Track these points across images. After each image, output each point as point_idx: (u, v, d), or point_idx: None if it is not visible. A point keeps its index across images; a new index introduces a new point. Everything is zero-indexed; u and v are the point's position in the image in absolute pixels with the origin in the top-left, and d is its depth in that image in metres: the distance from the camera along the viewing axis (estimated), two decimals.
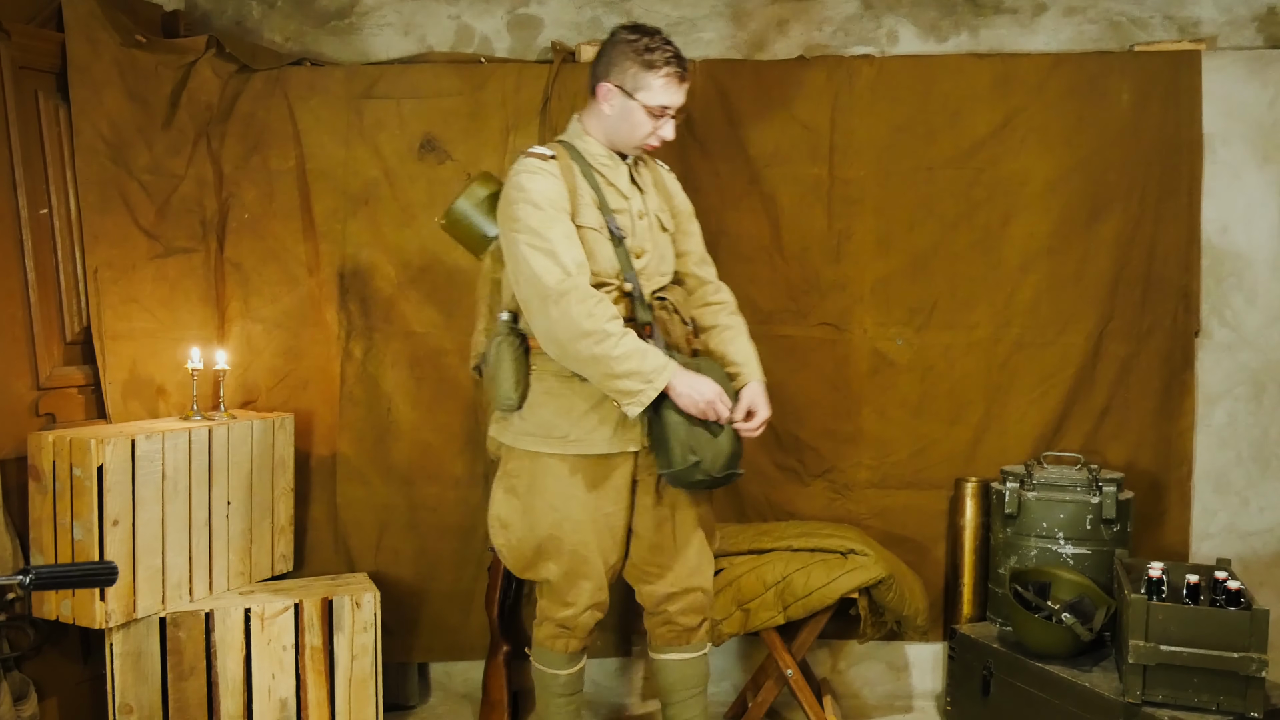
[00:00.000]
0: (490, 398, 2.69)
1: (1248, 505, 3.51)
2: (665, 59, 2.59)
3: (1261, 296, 3.47)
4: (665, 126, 2.64)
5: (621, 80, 2.59)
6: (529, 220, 2.49)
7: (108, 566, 1.78)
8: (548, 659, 2.83)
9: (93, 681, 3.04)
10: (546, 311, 2.46)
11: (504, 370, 2.62)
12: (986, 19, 3.56)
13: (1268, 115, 3.44)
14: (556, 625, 2.77)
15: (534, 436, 2.65)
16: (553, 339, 2.49)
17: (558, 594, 2.74)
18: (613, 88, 2.60)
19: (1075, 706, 2.83)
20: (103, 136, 3.14)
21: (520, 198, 2.51)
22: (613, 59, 2.60)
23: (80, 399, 3.10)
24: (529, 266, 2.46)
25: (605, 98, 2.61)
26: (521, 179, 2.54)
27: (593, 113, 2.67)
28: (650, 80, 2.58)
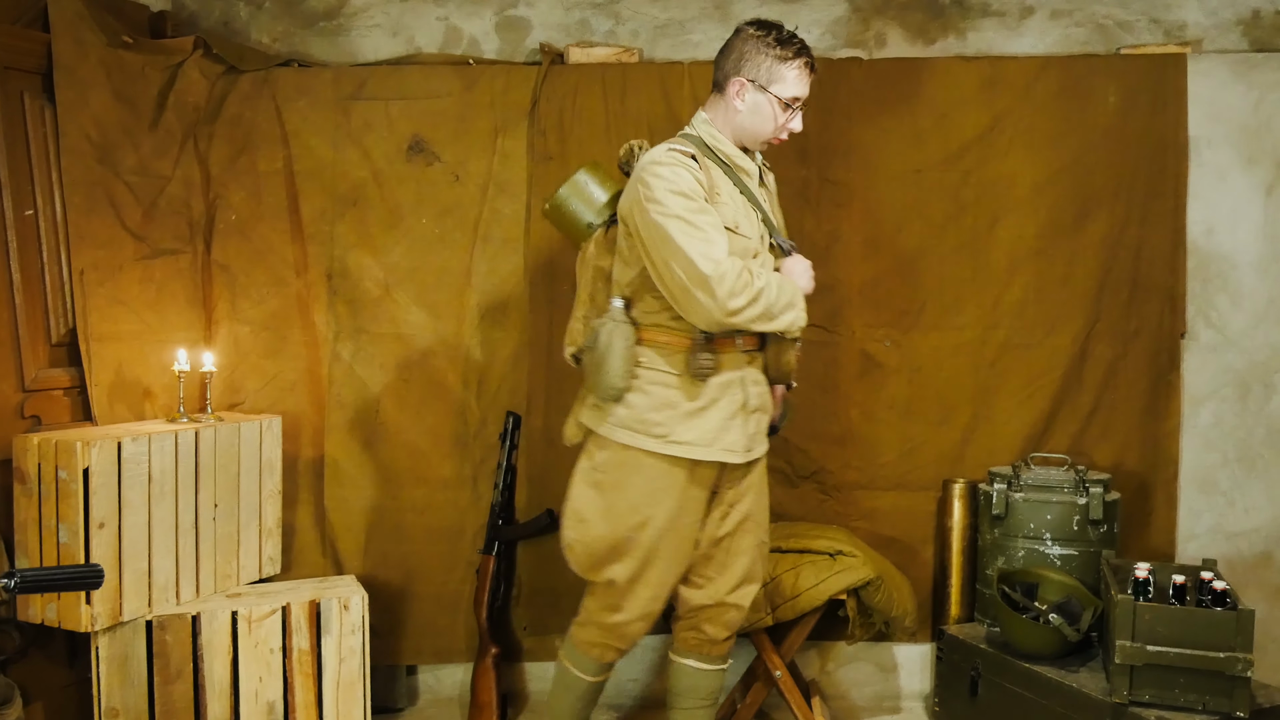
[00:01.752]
0: (592, 384, 2.63)
1: (1233, 506, 3.53)
2: (797, 51, 2.60)
3: (1246, 298, 3.50)
4: (795, 119, 2.65)
5: (755, 74, 2.58)
6: (677, 208, 2.46)
7: (93, 569, 1.77)
8: (579, 661, 2.79)
9: (79, 685, 3.03)
10: (700, 297, 2.43)
11: (614, 357, 2.56)
12: (974, 22, 3.58)
13: (1252, 118, 3.46)
14: (601, 630, 2.73)
15: (631, 430, 2.59)
16: (710, 321, 2.47)
17: (614, 598, 2.68)
18: (745, 82, 2.59)
19: (1063, 707, 2.84)
20: (89, 137, 3.12)
21: (665, 186, 2.48)
22: (744, 53, 2.60)
23: (66, 401, 3.09)
24: (684, 254, 2.43)
25: (738, 93, 2.60)
26: (663, 170, 2.50)
27: (720, 109, 2.65)
28: (784, 72, 2.59)
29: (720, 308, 2.43)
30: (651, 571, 2.65)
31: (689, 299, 2.45)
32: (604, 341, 2.57)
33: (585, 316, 2.73)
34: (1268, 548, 3.54)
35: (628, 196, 2.58)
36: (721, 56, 2.65)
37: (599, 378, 2.58)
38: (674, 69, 3.52)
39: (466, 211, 3.49)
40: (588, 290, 2.75)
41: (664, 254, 2.46)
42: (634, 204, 2.53)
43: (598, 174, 2.80)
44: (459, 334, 3.50)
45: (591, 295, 2.74)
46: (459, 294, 3.49)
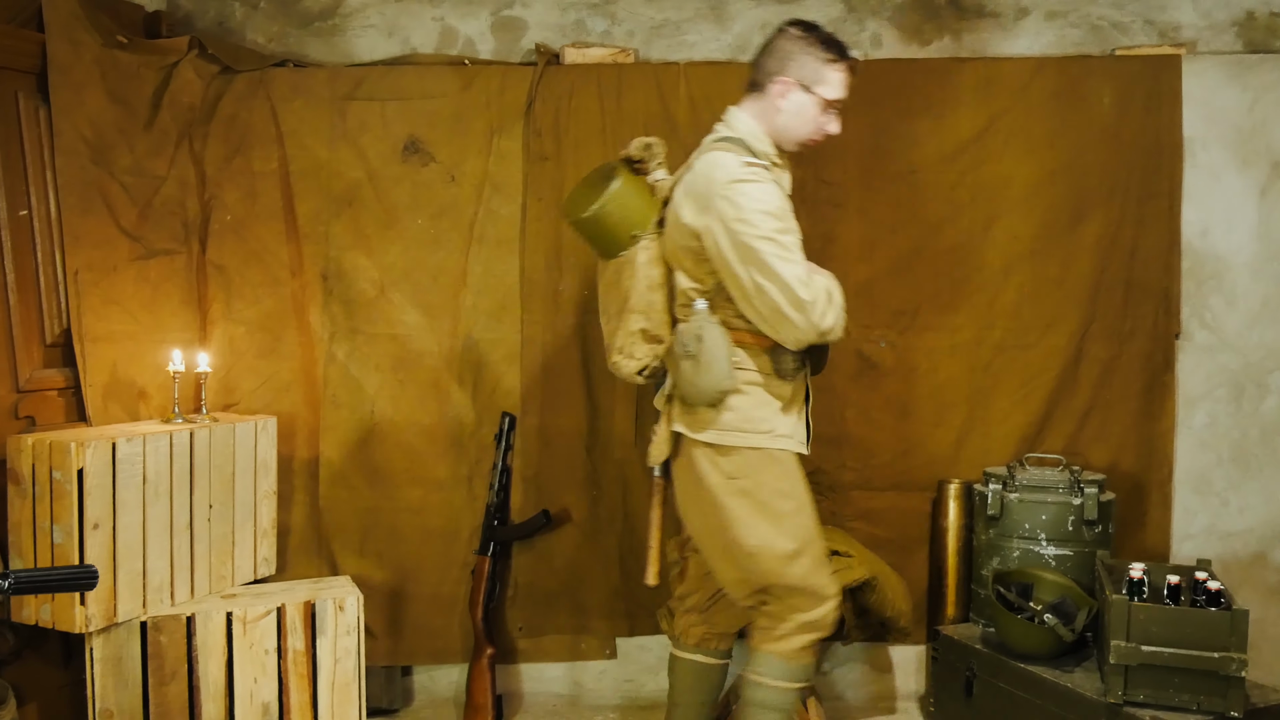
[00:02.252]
0: (691, 390, 2.57)
1: (1228, 506, 3.54)
2: (842, 53, 2.63)
3: (1241, 299, 3.50)
4: (833, 121, 2.68)
5: (801, 74, 2.59)
6: (768, 229, 2.46)
7: (88, 570, 1.77)
8: (798, 672, 2.70)
9: (73, 686, 3.02)
10: (796, 319, 2.46)
11: (720, 357, 2.53)
12: (969, 23, 3.58)
13: (1247, 119, 3.47)
14: (809, 629, 2.67)
15: (743, 431, 2.59)
16: (800, 341, 2.52)
17: (815, 592, 2.66)
18: (791, 82, 2.59)
19: (1058, 707, 2.84)
20: (84, 138, 3.11)
21: (755, 206, 2.47)
22: (790, 53, 2.60)
23: (60, 402, 3.08)
24: (780, 278, 2.44)
25: (782, 93, 2.60)
26: (750, 189, 2.48)
27: (760, 109, 2.64)
28: (830, 74, 2.61)
29: (814, 329, 2.48)
30: (821, 548, 2.68)
31: (781, 320, 2.48)
32: (707, 343, 2.54)
33: (644, 330, 2.65)
34: (1262, 548, 3.54)
35: (705, 212, 2.51)
36: (764, 57, 2.64)
37: (703, 380, 2.55)
38: (669, 69, 3.52)
39: (462, 212, 3.48)
40: (642, 300, 2.64)
41: (756, 276, 2.46)
42: (717, 222, 2.48)
43: (633, 182, 2.69)
44: (454, 334, 3.49)
45: (649, 307, 2.65)
46: (454, 294, 3.49)
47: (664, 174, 2.75)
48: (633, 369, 2.70)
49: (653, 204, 2.68)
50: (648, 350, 2.66)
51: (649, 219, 2.65)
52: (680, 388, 2.61)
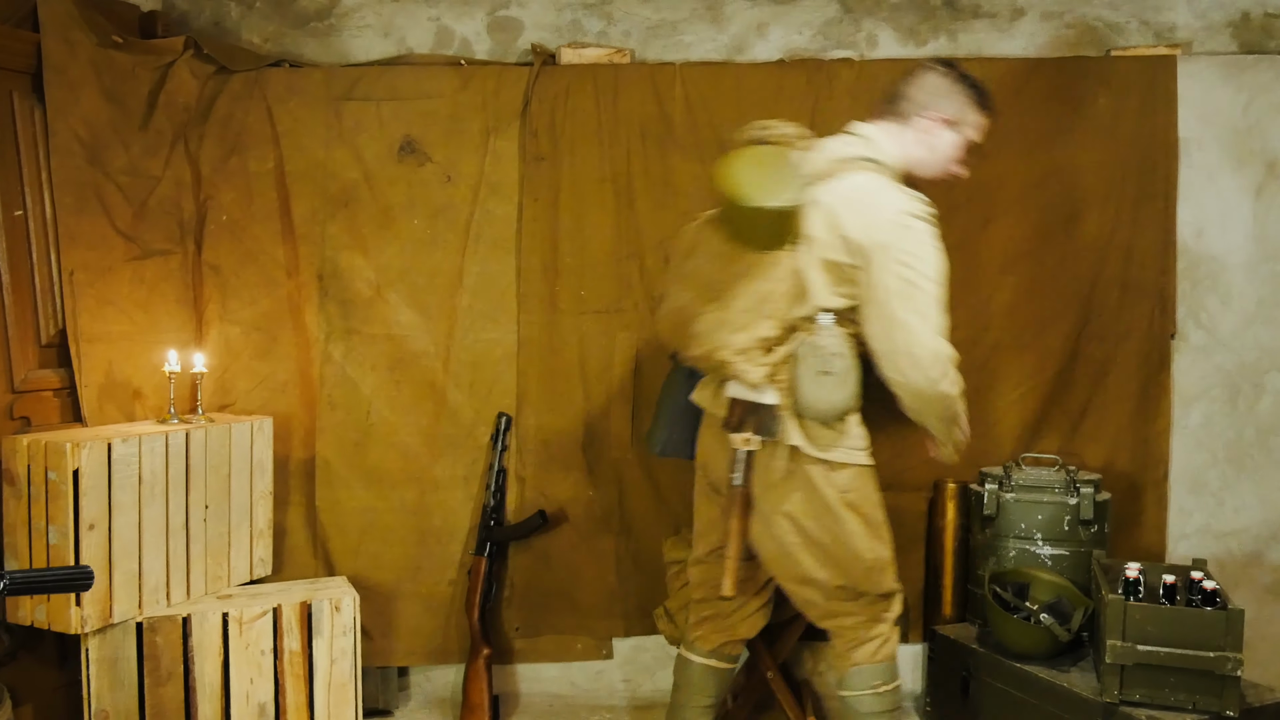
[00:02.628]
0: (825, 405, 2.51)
1: (1223, 506, 3.54)
2: (989, 100, 2.70)
3: (1236, 299, 3.51)
4: (959, 164, 2.73)
5: (952, 111, 2.64)
6: (935, 275, 2.48)
7: (83, 571, 1.76)
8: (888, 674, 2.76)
9: (68, 687, 3.01)
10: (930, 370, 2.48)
11: (854, 375, 2.52)
12: (965, 23, 3.59)
13: (1242, 120, 3.48)
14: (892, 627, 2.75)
15: (859, 449, 2.61)
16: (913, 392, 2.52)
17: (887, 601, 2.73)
18: (941, 119, 2.64)
19: (1054, 707, 2.84)
20: (79, 138, 3.11)
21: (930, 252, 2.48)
22: (941, 91, 2.64)
23: (56, 402, 3.07)
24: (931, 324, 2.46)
25: (930, 128, 2.64)
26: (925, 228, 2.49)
27: (898, 137, 2.65)
28: (976, 118, 2.68)
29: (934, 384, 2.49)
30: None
31: (914, 365, 2.47)
32: (849, 360, 2.50)
33: (768, 338, 2.54)
34: (1257, 547, 3.55)
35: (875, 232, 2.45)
36: (912, 88, 2.66)
37: (837, 397, 2.51)
38: (666, 70, 3.52)
39: (458, 212, 3.48)
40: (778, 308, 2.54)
41: (906, 315, 2.44)
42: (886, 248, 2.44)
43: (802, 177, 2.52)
44: (450, 335, 3.49)
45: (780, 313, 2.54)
46: (450, 295, 3.49)
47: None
48: (759, 376, 2.55)
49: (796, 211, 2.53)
50: (764, 356, 2.55)
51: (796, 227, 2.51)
52: (806, 402, 2.51)
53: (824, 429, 2.55)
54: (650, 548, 3.46)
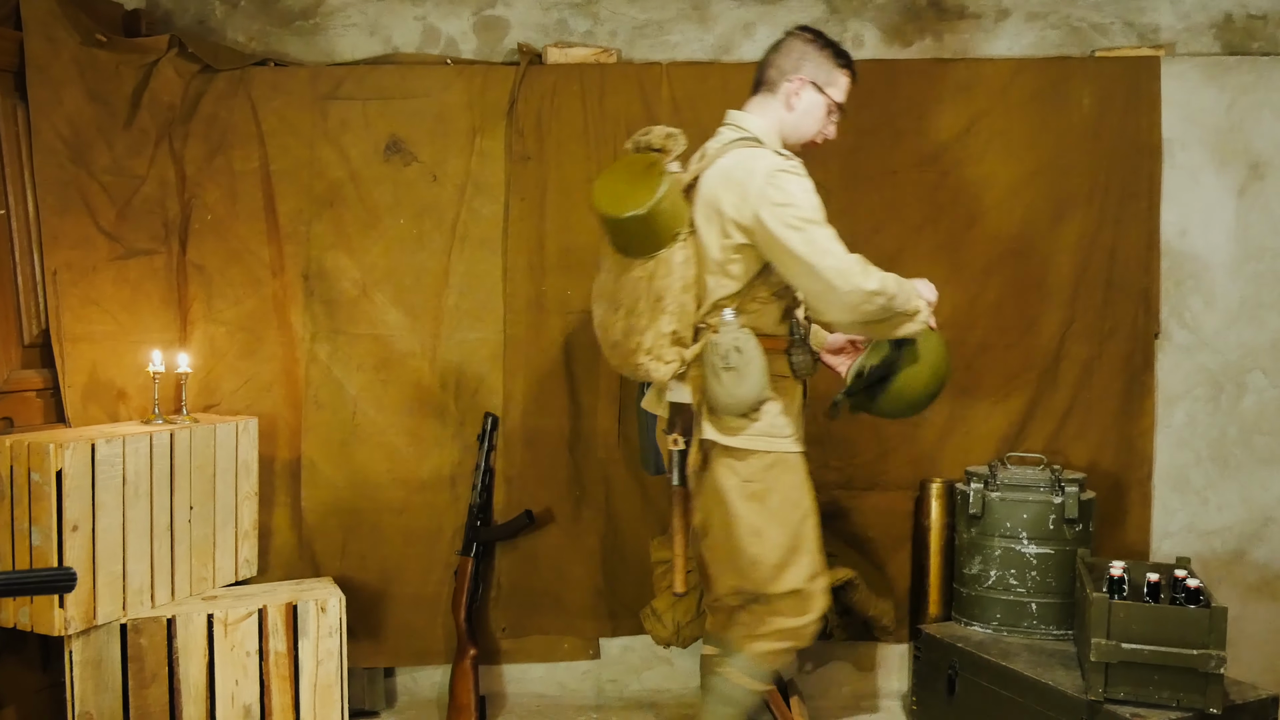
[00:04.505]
0: (727, 400, 2.55)
1: (1207, 504, 3.57)
2: (849, 60, 2.73)
3: (1219, 299, 3.53)
4: (833, 125, 2.76)
5: (816, 75, 2.67)
6: (817, 215, 2.52)
7: (66, 573, 1.75)
8: (760, 672, 2.73)
9: (52, 689, 3.00)
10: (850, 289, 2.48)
11: (755, 367, 2.54)
12: (950, 24, 3.60)
13: (1225, 120, 3.50)
14: (787, 637, 2.69)
15: (770, 436, 2.62)
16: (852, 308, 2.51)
17: (799, 602, 2.67)
18: (807, 82, 2.66)
19: (1039, 704, 2.86)
20: (62, 137, 3.09)
21: (800, 191, 2.52)
22: (804, 54, 2.68)
23: (39, 403, 3.06)
24: (834, 258, 2.49)
25: (796, 92, 2.67)
26: (797, 180, 2.54)
27: (768, 109, 2.70)
28: (839, 78, 2.71)
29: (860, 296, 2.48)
30: (821, 560, 2.70)
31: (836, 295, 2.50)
32: (747, 354, 2.53)
33: (675, 333, 2.58)
34: (1240, 545, 3.57)
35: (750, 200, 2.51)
36: (776, 55, 2.70)
37: (740, 392, 2.54)
38: (652, 70, 3.52)
39: (444, 212, 3.48)
40: (676, 302, 2.56)
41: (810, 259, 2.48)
42: (767, 207, 2.50)
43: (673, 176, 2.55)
44: (437, 335, 3.49)
45: (681, 307, 2.57)
46: (437, 295, 3.48)
47: (677, 166, 2.63)
48: (666, 374, 2.61)
49: (683, 201, 2.59)
50: (676, 354, 2.60)
51: (686, 215, 2.57)
52: (715, 398, 2.57)
53: (738, 419, 2.59)
54: (637, 548, 3.47)
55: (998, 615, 3.21)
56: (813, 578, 2.68)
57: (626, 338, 2.63)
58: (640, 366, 2.63)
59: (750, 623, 2.71)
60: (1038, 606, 3.17)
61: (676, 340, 2.60)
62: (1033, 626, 3.17)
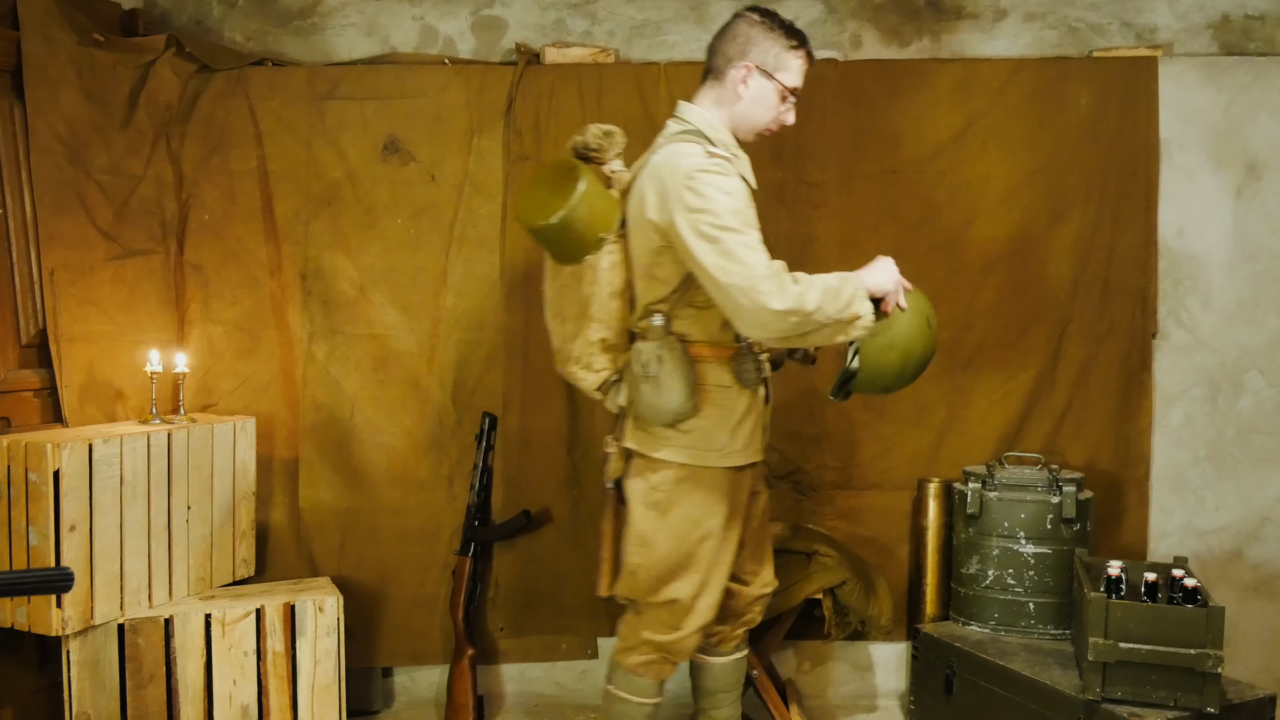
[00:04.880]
0: (648, 411, 2.48)
1: (1204, 504, 3.57)
2: (803, 40, 2.57)
3: (1217, 299, 3.54)
4: (789, 111, 2.60)
5: (763, 60, 2.52)
6: (732, 220, 2.36)
7: (63, 573, 1.75)
8: (638, 687, 2.68)
9: (49, 690, 3.00)
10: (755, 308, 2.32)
11: (676, 378, 2.44)
12: (948, 24, 3.60)
13: (1222, 120, 3.50)
14: (657, 650, 2.63)
15: (693, 449, 2.51)
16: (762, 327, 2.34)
17: (676, 616, 2.59)
18: (753, 68, 2.52)
19: (1037, 704, 2.86)
20: (59, 136, 3.09)
21: (718, 194, 2.37)
22: (751, 38, 2.52)
23: (36, 403, 3.06)
24: (740, 273, 2.31)
25: (743, 79, 2.52)
26: (714, 180, 2.39)
27: (717, 97, 2.57)
28: (790, 60, 2.55)
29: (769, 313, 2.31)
30: (714, 581, 2.60)
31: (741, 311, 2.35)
32: (664, 364, 2.45)
33: (604, 340, 2.55)
34: (1238, 545, 3.58)
35: (669, 204, 2.40)
36: (722, 42, 2.56)
37: (659, 403, 2.46)
38: (650, 69, 3.52)
39: (442, 212, 3.47)
40: (605, 311, 2.54)
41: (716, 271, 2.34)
42: (682, 213, 2.38)
43: (593, 179, 2.49)
44: (434, 335, 3.48)
45: (609, 314, 2.54)
46: (434, 294, 3.48)
47: (620, 165, 2.61)
48: (593, 383, 2.61)
49: (614, 201, 2.53)
50: (607, 361, 2.58)
51: (614, 219, 2.50)
52: (637, 407, 2.51)
53: (665, 429, 2.51)
54: None
55: (995, 615, 3.21)
56: (696, 595, 2.58)
57: (564, 345, 2.62)
58: (571, 375, 2.63)
59: (624, 634, 2.70)
60: (1035, 606, 3.17)
61: (608, 347, 2.56)
62: (1030, 626, 3.17)
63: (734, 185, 2.42)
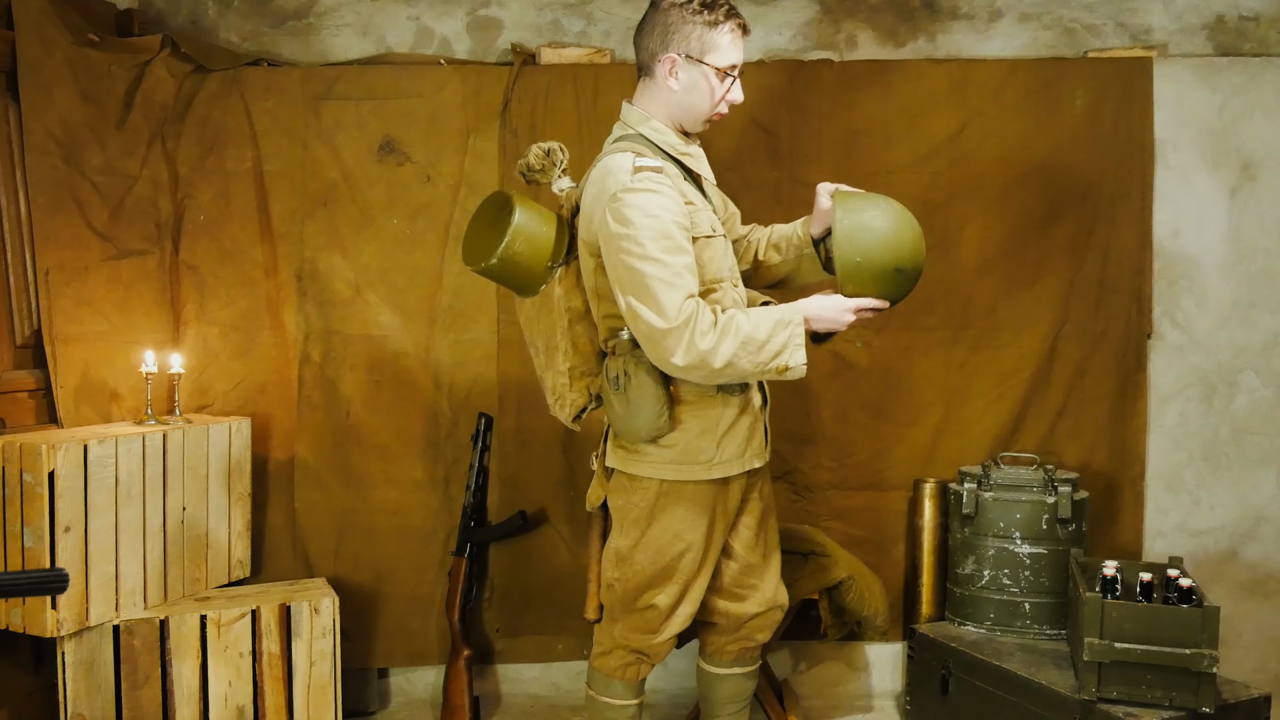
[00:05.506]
0: (625, 430, 2.42)
1: (1199, 504, 3.58)
2: (726, 13, 2.40)
3: (1211, 299, 3.54)
4: (735, 89, 2.45)
5: (686, 46, 2.38)
6: (653, 249, 2.24)
7: (58, 574, 1.75)
8: (615, 690, 2.66)
9: (45, 691, 2.99)
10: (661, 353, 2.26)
11: (648, 395, 2.37)
12: (944, 24, 3.60)
13: (1217, 121, 3.51)
14: (632, 653, 2.62)
15: (675, 464, 2.44)
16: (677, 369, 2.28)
17: (653, 622, 2.57)
18: (677, 57, 2.38)
19: (1033, 704, 2.86)
20: (54, 136, 3.09)
21: (641, 218, 2.25)
22: (670, 26, 2.38)
23: (31, 404, 3.05)
24: (652, 309, 2.23)
25: (670, 71, 2.39)
26: (644, 200, 2.27)
27: (653, 94, 2.45)
28: (717, 39, 2.39)
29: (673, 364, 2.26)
30: (693, 590, 2.56)
31: (650, 348, 2.29)
32: (631, 380, 2.38)
33: (573, 369, 2.51)
34: (1233, 545, 3.58)
35: (594, 226, 2.35)
36: (643, 36, 2.44)
37: (636, 421, 2.39)
38: None
39: (438, 212, 3.47)
40: (567, 339, 2.50)
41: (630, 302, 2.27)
42: (605, 238, 2.31)
43: (528, 205, 2.45)
44: (430, 335, 3.48)
45: (574, 343, 2.50)
46: (430, 295, 3.48)
47: (568, 181, 2.53)
48: (566, 416, 2.56)
49: (561, 227, 2.48)
50: (581, 389, 2.53)
51: (559, 244, 2.45)
52: (614, 425, 2.46)
53: (645, 444, 2.44)
54: None
55: (991, 615, 3.21)
56: (675, 604, 2.56)
57: (542, 375, 2.60)
58: (551, 409, 2.60)
59: (600, 638, 2.69)
60: (1031, 606, 3.17)
61: (579, 375, 2.52)
62: (1026, 626, 3.18)
63: (661, 204, 2.28)
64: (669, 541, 2.50)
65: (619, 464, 2.52)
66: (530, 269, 2.44)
